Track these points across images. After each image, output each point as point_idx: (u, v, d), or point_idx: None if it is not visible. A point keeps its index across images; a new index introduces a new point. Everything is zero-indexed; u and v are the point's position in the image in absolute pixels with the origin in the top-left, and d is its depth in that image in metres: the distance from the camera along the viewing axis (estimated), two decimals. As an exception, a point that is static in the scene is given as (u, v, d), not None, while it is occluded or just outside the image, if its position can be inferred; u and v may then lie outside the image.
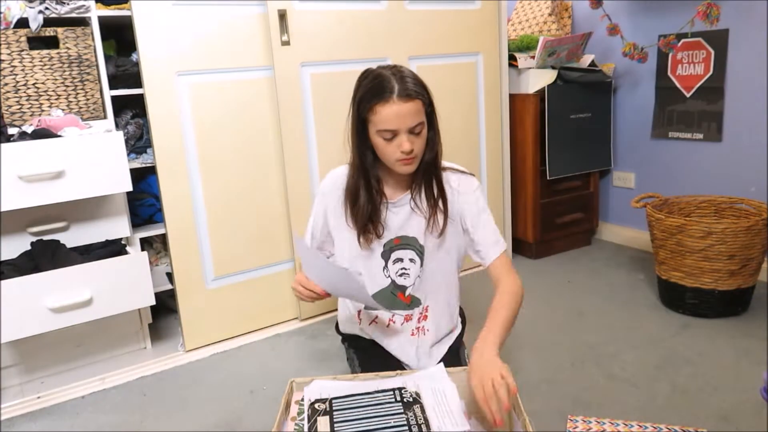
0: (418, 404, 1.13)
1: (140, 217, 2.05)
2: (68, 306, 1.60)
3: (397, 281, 1.41)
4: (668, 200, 2.20)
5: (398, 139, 1.23)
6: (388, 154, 1.26)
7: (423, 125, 1.25)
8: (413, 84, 1.22)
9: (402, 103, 1.20)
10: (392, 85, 1.20)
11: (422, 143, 1.27)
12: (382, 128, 1.22)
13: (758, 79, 2.17)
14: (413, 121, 1.22)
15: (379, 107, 1.21)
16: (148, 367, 1.88)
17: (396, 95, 1.19)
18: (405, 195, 1.37)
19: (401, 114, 1.20)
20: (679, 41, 2.32)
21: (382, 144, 1.25)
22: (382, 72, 1.24)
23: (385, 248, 1.38)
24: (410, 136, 1.23)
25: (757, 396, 1.49)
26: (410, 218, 1.37)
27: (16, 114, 1.73)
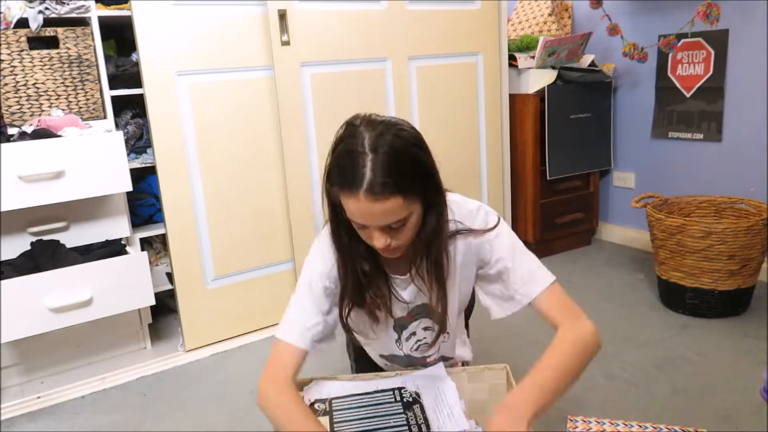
0: (418, 404, 1.13)
1: (140, 217, 2.05)
2: (68, 306, 1.60)
3: (414, 354, 1.23)
4: (668, 200, 2.20)
5: (369, 232, 0.95)
6: (367, 240, 0.98)
7: (406, 219, 0.93)
8: (394, 171, 0.88)
9: (371, 203, 0.87)
10: (361, 174, 0.87)
11: (408, 235, 0.97)
12: (351, 218, 0.94)
13: (758, 79, 2.17)
14: (387, 221, 0.91)
15: (344, 197, 0.91)
16: (148, 367, 1.88)
17: (364, 191, 0.87)
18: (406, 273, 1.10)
19: (371, 214, 0.89)
20: (679, 41, 2.32)
21: (359, 230, 0.97)
22: (355, 147, 0.90)
23: (397, 324, 1.18)
24: (388, 230, 0.94)
25: (757, 396, 1.49)
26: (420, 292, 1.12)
27: (16, 114, 1.73)
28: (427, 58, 2.28)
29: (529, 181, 2.58)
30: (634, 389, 1.58)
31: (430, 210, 0.99)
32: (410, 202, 0.92)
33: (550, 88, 2.48)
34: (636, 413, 1.47)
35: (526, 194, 2.60)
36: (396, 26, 2.19)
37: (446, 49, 2.33)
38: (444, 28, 2.30)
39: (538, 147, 2.54)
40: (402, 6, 2.19)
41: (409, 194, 0.91)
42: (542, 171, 2.57)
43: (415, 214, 0.96)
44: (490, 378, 1.22)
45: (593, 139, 2.67)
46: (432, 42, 2.28)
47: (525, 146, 2.56)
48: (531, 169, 2.56)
